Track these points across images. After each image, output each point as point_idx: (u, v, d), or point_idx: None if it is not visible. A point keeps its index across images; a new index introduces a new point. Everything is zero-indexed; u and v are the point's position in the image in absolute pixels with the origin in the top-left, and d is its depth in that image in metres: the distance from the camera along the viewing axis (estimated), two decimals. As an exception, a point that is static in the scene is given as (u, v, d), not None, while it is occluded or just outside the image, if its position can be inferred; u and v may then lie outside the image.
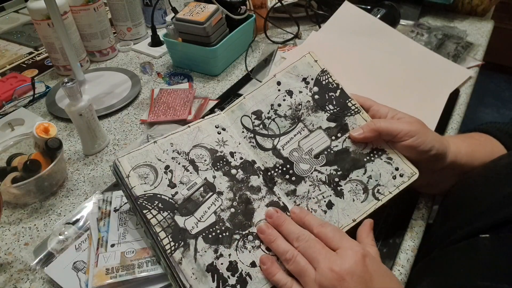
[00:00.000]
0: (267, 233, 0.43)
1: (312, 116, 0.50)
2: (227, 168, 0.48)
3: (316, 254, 0.39)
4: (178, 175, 0.47)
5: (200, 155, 0.49)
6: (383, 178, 0.47)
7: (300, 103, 0.51)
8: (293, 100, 0.51)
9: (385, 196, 0.46)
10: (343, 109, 0.50)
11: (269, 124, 0.51)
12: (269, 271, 0.41)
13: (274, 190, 0.48)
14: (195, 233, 0.43)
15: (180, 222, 0.44)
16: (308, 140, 0.49)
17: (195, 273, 0.41)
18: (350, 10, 0.90)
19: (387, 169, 0.47)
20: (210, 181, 0.47)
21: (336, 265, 0.37)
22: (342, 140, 0.49)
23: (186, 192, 0.46)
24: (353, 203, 0.46)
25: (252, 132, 0.51)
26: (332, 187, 0.47)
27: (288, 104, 0.51)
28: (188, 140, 0.49)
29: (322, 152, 0.49)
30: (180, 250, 0.42)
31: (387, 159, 0.47)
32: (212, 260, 0.42)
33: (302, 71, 0.53)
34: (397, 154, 0.47)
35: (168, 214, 0.44)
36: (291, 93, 0.52)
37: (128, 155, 0.47)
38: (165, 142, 0.49)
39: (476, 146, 0.50)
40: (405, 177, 0.46)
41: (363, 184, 0.47)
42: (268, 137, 0.50)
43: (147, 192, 0.45)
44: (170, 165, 0.47)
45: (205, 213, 0.45)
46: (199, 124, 0.51)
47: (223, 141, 0.50)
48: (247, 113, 0.52)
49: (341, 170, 0.48)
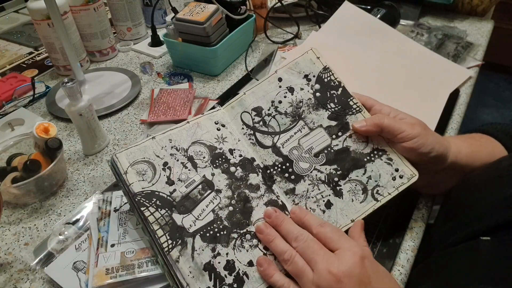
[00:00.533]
0: (265, 232, 0.43)
1: (313, 114, 0.50)
2: (226, 165, 0.48)
3: (314, 255, 0.38)
4: (176, 172, 0.46)
5: (199, 151, 0.48)
6: (383, 179, 0.47)
7: (301, 101, 0.51)
8: (294, 97, 0.51)
9: (384, 197, 0.46)
10: (345, 107, 0.50)
11: (269, 121, 0.50)
12: (266, 272, 0.41)
13: (273, 189, 0.47)
14: (192, 231, 0.43)
15: (178, 220, 0.43)
16: (309, 139, 0.49)
17: (192, 271, 0.41)
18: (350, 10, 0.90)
19: (387, 170, 0.47)
20: (208, 178, 0.47)
21: (334, 266, 0.37)
22: (343, 139, 0.49)
23: (184, 190, 0.45)
24: (352, 204, 0.46)
25: (252, 129, 0.50)
26: (332, 187, 0.47)
27: (289, 101, 0.51)
28: (187, 136, 0.49)
29: (322, 151, 0.48)
30: (177, 249, 0.42)
31: (387, 160, 0.47)
32: (209, 259, 0.42)
33: (304, 67, 0.52)
34: (397, 155, 0.47)
35: (166, 212, 0.43)
36: (292, 90, 0.51)
37: (126, 151, 0.46)
38: (164, 138, 0.48)
39: (476, 147, 0.50)
40: (404, 178, 0.46)
41: (362, 184, 0.47)
42: (268, 134, 0.50)
43: (145, 189, 0.44)
44: (168, 162, 0.47)
45: (203, 211, 0.44)
46: (198, 120, 0.50)
47: (222, 138, 0.50)
48: (247, 109, 0.51)
49: (340, 170, 0.47)
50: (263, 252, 0.43)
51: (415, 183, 0.46)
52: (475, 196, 0.45)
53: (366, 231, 0.49)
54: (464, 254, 0.39)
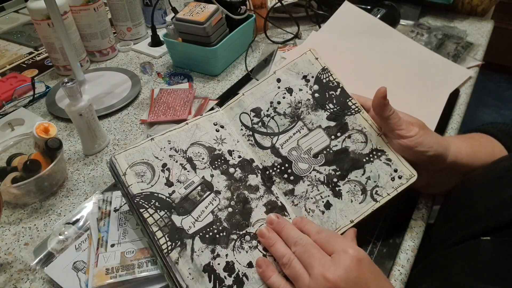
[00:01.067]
0: (266, 236, 0.43)
1: (311, 115, 0.50)
2: (225, 166, 0.48)
3: (310, 259, 0.38)
4: (175, 173, 0.46)
5: (198, 153, 0.48)
6: (382, 179, 0.46)
7: (300, 101, 0.51)
8: (293, 98, 0.51)
9: (383, 198, 0.46)
10: (343, 108, 0.50)
11: (268, 122, 0.50)
12: (265, 274, 0.41)
13: (272, 190, 0.47)
14: (192, 233, 0.43)
15: (177, 221, 0.43)
16: (307, 139, 0.49)
17: (192, 273, 0.41)
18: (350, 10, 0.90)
19: (386, 171, 0.47)
20: (207, 180, 0.47)
21: (329, 271, 0.36)
22: (342, 139, 0.49)
23: (184, 191, 0.45)
24: (351, 204, 0.46)
25: (251, 130, 0.50)
26: (331, 188, 0.47)
27: (287, 102, 0.51)
28: (186, 137, 0.49)
29: (321, 152, 0.48)
30: (177, 250, 0.42)
31: (386, 160, 0.47)
32: (209, 260, 0.42)
33: (303, 68, 0.52)
34: (396, 156, 0.47)
35: (165, 213, 0.43)
36: (291, 91, 0.51)
37: (125, 152, 0.46)
38: (163, 139, 0.48)
39: (476, 147, 0.50)
40: (403, 179, 0.46)
41: (361, 185, 0.46)
42: (266, 135, 0.50)
43: (144, 190, 0.44)
44: (167, 163, 0.47)
45: (202, 213, 0.44)
46: (197, 122, 0.50)
47: (221, 139, 0.50)
48: (246, 110, 0.51)
49: (339, 170, 0.47)
50: (263, 253, 0.43)
51: (415, 184, 0.46)
52: (475, 197, 0.45)
53: (366, 231, 0.50)
54: (464, 254, 0.39)
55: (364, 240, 0.49)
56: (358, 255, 0.38)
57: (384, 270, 0.46)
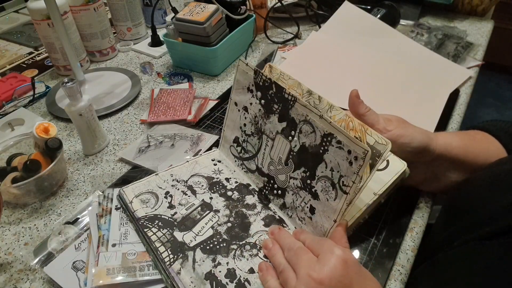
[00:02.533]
0: (269, 248, 0.44)
1: (268, 124, 0.49)
2: (223, 190, 0.52)
3: (298, 261, 0.40)
4: (177, 198, 0.51)
5: (197, 181, 0.53)
6: (342, 167, 0.41)
7: (255, 115, 0.51)
8: (249, 115, 0.52)
9: (350, 188, 0.40)
10: (284, 103, 0.46)
11: (246, 146, 0.53)
12: (264, 277, 0.42)
13: (269, 206, 0.50)
14: (193, 245, 0.45)
15: (178, 237, 0.46)
16: (274, 150, 0.49)
17: (194, 281, 0.42)
18: (350, 10, 0.90)
19: (342, 156, 0.41)
20: (207, 201, 0.51)
21: (314, 270, 0.37)
22: (297, 137, 0.45)
23: (185, 212, 0.49)
24: (328, 203, 0.43)
25: (240, 159, 0.54)
26: (308, 191, 0.45)
27: (249, 121, 0.52)
28: (187, 171, 0.55)
29: (288, 157, 0.47)
30: (179, 261, 0.43)
31: (337, 144, 0.41)
32: (210, 269, 0.43)
33: (243, 81, 0.51)
34: (344, 135, 0.40)
35: (168, 231, 0.46)
36: (247, 109, 0.52)
37: (132, 186, 0.52)
38: (166, 174, 0.54)
39: (469, 141, 0.51)
40: (359, 159, 0.39)
41: (329, 179, 0.42)
42: (251, 159, 0.53)
43: (148, 213, 0.48)
44: (170, 191, 0.52)
45: (203, 228, 0.47)
46: (197, 159, 0.57)
47: (219, 170, 0.55)
48: (231, 143, 0.55)
49: (308, 170, 0.45)
50: (263, 260, 0.44)
51: (412, 180, 0.46)
52: (477, 200, 0.44)
53: (367, 231, 0.49)
54: (467, 257, 0.39)
55: (364, 240, 0.49)
56: (343, 255, 0.38)
57: (384, 270, 0.46)
